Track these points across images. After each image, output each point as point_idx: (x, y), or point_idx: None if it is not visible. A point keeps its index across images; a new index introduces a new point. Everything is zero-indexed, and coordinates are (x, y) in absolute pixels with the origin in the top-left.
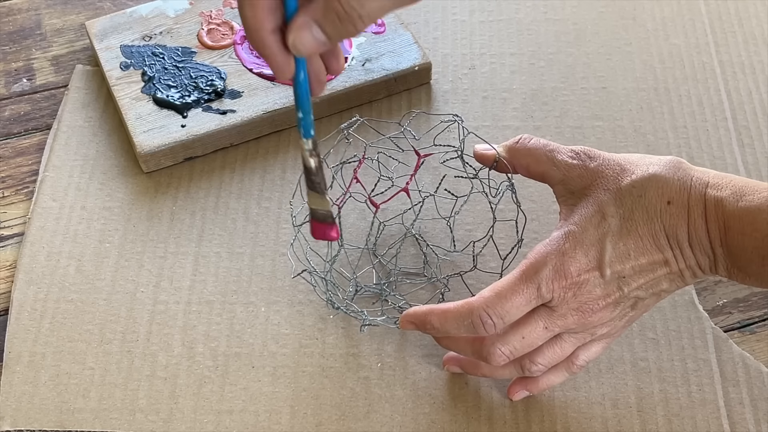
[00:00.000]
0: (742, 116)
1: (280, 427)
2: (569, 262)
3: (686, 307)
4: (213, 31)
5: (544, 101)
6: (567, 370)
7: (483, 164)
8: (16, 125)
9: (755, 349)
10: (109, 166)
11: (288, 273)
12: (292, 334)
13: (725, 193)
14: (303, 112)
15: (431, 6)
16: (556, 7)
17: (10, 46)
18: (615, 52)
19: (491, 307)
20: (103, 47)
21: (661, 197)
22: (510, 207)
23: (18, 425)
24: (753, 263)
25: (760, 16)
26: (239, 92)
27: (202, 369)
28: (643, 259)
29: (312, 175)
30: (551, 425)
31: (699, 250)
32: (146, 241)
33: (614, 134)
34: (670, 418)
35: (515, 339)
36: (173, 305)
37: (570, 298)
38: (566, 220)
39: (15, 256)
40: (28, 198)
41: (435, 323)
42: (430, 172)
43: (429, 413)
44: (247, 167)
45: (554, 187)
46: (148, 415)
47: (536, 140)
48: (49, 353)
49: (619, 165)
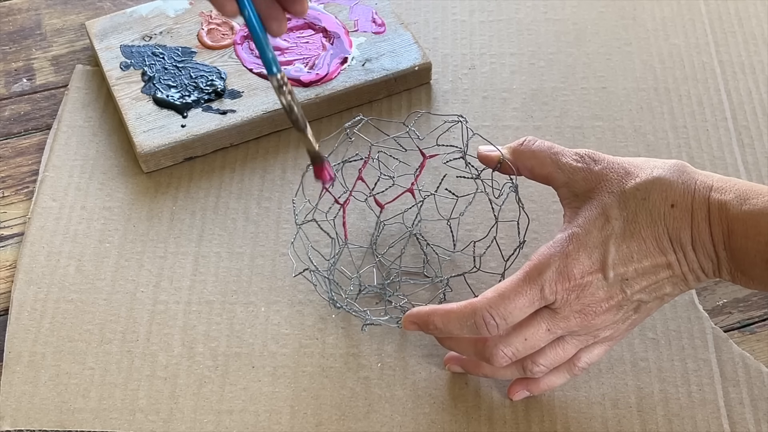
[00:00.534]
0: (742, 116)
1: (280, 427)
2: (573, 264)
3: (686, 307)
4: (213, 31)
5: (544, 101)
6: (568, 371)
7: (486, 165)
8: (16, 125)
9: (755, 349)
10: (109, 166)
11: (288, 273)
12: (292, 334)
13: (729, 196)
14: (258, 48)
15: (431, 6)
16: (556, 7)
17: (10, 46)
18: (615, 52)
19: (494, 308)
20: (103, 47)
21: (665, 200)
22: (510, 207)
23: (18, 425)
24: (756, 267)
25: (760, 16)
26: (239, 92)
27: (202, 369)
28: (647, 261)
29: (288, 112)
30: (551, 425)
31: (702, 253)
32: (146, 241)
33: (614, 134)
34: (670, 418)
35: (518, 340)
36: (173, 305)
37: (573, 300)
38: (570, 223)
39: (15, 256)
40: (28, 198)
41: (438, 324)
42: (431, 172)
43: (429, 413)
44: (247, 167)
45: (558, 190)
46: (148, 415)
47: (540, 143)
48: (49, 353)
49: (623, 168)
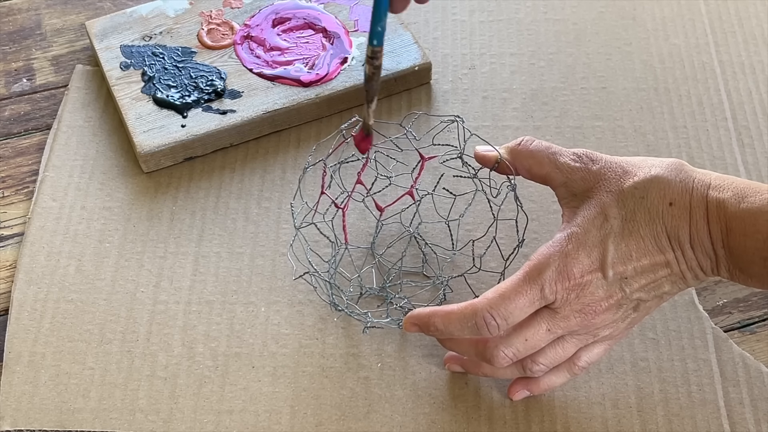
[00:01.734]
0: (742, 116)
1: (280, 427)
2: (572, 263)
3: (686, 307)
4: (213, 31)
5: (544, 101)
6: (568, 371)
7: (484, 165)
8: (16, 125)
9: (755, 349)
10: (109, 166)
11: (288, 273)
12: (292, 334)
13: (727, 194)
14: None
15: (431, 6)
16: (556, 7)
17: (10, 46)
18: (615, 52)
19: (495, 309)
20: (103, 47)
21: (663, 199)
22: (509, 207)
23: (18, 425)
24: (754, 264)
25: (760, 16)
26: (239, 92)
27: (202, 369)
28: (645, 260)
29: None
30: (551, 425)
31: (701, 251)
32: (146, 241)
33: (614, 134)
34: (670, 418)
35: (518, 341)
36: (173, 305)
37: (573, 300)
38: (569, 222)
39: (15, 256)
40: (28, 198)
41: (439, 325)
42: (429, 172)
43: (429, 413)
44: (247, 167)
45: (556, 190)
46: (148, 415)
47: (538, 142)
48: (49, 353)
49: (621, 167)
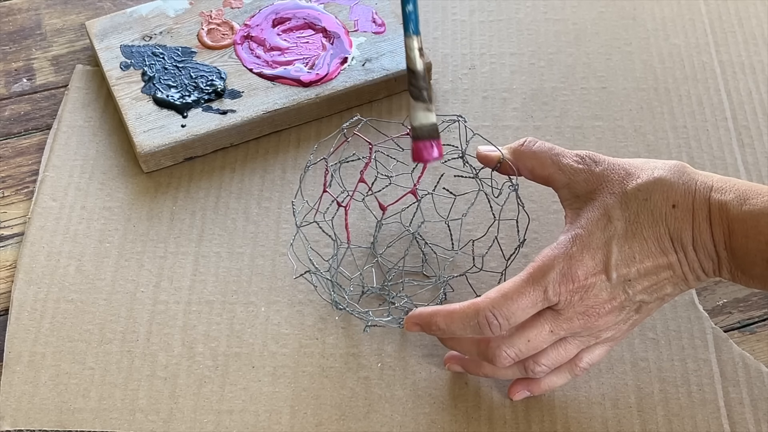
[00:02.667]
0: (742, 116)
1: (280, 427)
2: (577, 265)
3: (686, 307)
4: (213, 31)
5: (544, 101)
6: (570, 372)
7: (486, 165)
8: (16, 125)
9: (755, 349)
10: (109, 166)
11: (288, 273)
12: (292, 334)
13: (729, 196)
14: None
15: (431, 6)
16: (556, 7)
17: (10, 46)
18: (615, 52)
19: (497, 308)
20: (103, 47)
21: (666, 201)
22: (510, 207)
23: (18, 425)
24: (756, 266)
25: (760, 16)
26: (239, 92)
27: (202, 369)
28: (648, 262)
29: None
30: (551, 425)
31: (703, 253)
32: (146, 241)
33: (614, 134)
34: (670, 418)
35: (521, 342)
36: (173, 305)
37: (576, 302)
38: (572, 224)
39: (15, 256)
40: (28, 198)
41: (441, 324)
42: (429, 172)
43: (429, 413)
44: (247, 167)
45: (559, 191)
46: (148, 415)
47: (541, 143)
48: (49, 353)
49: (624, 169)
